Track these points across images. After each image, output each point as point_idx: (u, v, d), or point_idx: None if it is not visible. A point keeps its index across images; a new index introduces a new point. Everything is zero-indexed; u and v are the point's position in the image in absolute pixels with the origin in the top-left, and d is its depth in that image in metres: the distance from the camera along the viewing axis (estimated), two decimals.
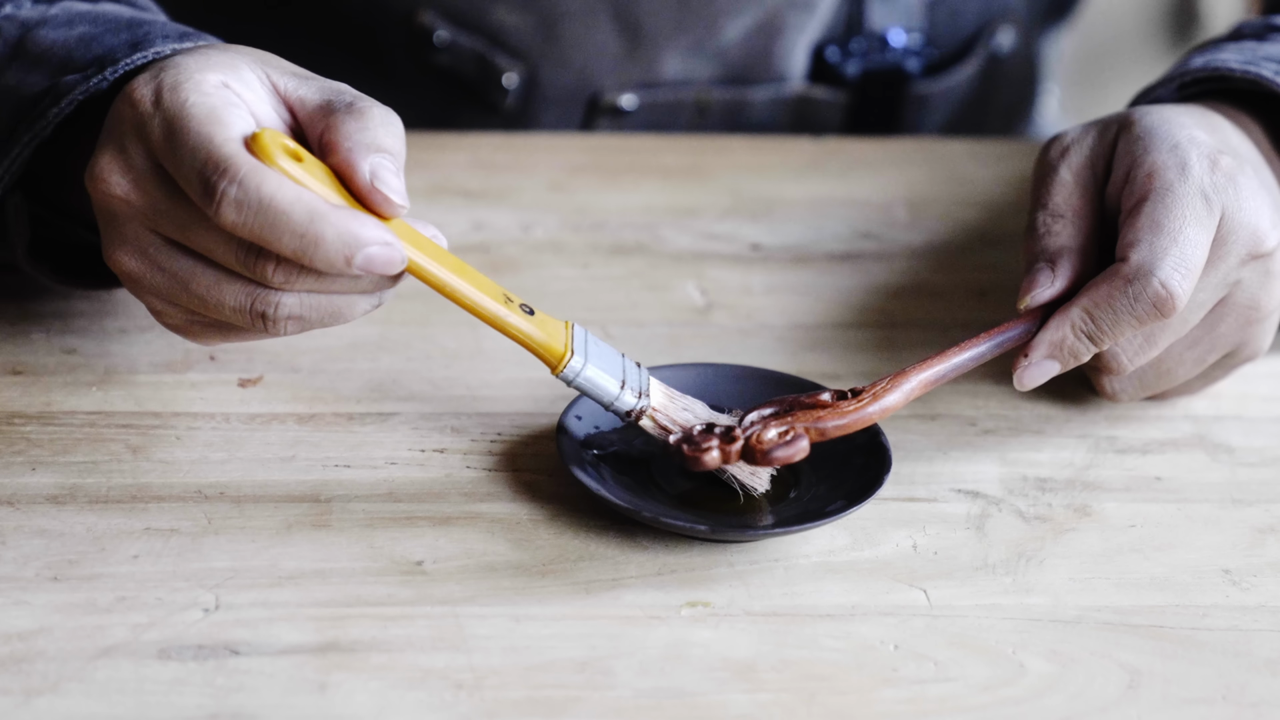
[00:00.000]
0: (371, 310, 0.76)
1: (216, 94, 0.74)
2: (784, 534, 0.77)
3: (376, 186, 0.73)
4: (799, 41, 1.17)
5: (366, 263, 0.72)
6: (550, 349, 0.77)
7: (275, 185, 0.71)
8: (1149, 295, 0.80)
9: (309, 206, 0.71)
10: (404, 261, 0.73)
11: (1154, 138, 0.83)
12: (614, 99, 1.16)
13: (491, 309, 0.76)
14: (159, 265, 0.75)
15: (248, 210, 0.71)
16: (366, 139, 0.73)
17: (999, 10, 1.23)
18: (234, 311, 0.75)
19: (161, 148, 0.73)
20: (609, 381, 0.78)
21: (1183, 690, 0.72)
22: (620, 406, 0.78)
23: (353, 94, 0.76)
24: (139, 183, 0.74)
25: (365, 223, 0.72)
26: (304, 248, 0.71)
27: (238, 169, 0.71)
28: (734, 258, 1.01)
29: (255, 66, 0.76)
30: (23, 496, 0.78)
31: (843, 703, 0.70)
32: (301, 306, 0.75)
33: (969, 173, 1.11)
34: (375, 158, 0.73)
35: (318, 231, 0.71)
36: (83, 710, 0.68)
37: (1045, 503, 0.82)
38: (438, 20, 1.14)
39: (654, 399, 0.78)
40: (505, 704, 0.69)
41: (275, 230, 0.71)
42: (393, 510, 0.79)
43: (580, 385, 0.77)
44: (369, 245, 0.72)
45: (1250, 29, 0.95)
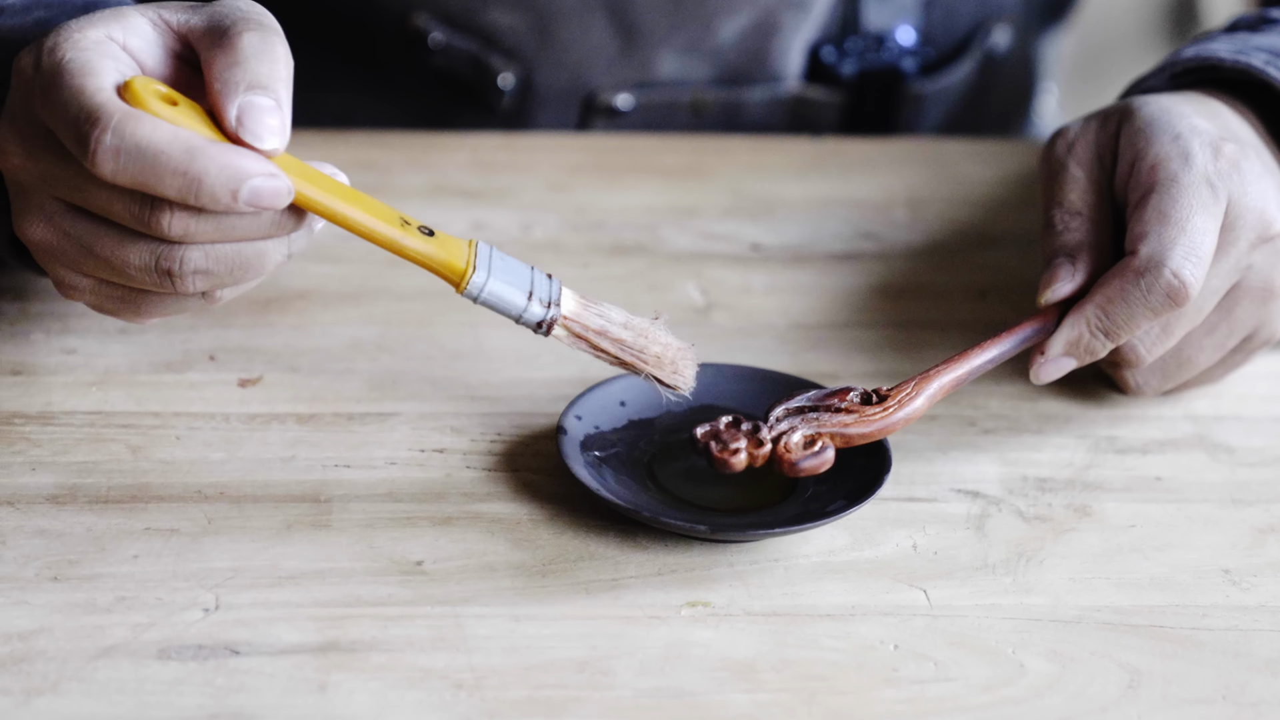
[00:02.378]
0: (283, 261, 0.75)
1: (93, 48, 0.72)
2: (784, 534, 0.77)
3: (240, 134, 0.71)
4: (794, 41, 1.16)
5: (253, 195, 0.71)
6: (451, 265, 0.75)
7: (150, 128, 0.70)
8: (1161, 286, 0.80)
9: (186, 144, 0.70)
10: (291, 192, 0.71)
11: (1155, 128, 0.84)
12: (609, 99, 1.16)
13: (386, 233, 0.74)
14: (64, 231, 0.74)
15: (124, 156, 0.70)
16: (236, 76, 0.72)
17: (995, 9, 1.23)
18: (139, 271, 0.74)
19: (42, 108, 0.72)
20: (515, 294, 0.76)
21: (1183, 690, 0.72)
22: (529, 318, 0.76)
23: (232, 18, 0.74)
24: (31, 149, 0.74)
25: (247, 156, 0.71)
26: (187, 185, 0.70)
27: (110, 116, 0.70)
28: (734, 258, 1.01)
29: (149, 10, 0.75)
30: (23, 496, 0.78)
31: (843, 703, 0.70)
32: (207, 259, 0.73)
33: (969, 172, 1.11)
34: (245, 98, 0.71)
35: (200, 168, 0.70)
36: (83, 710, 0.68)
37: (1045, 503, 0.82)
38: (432, 22, 1.14)
39: (565, 307, 0.77)
40: (505, 704, 0.69)
41: (155, 172, 0.70)
42: (393, 510, 0.79)
43: (485, 301, 0.76)
44: (252, 177, 0.70)
45: (1245, 22, 0.95)
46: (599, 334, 0.77)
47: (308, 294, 0.93)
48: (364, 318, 0.92)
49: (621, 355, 0.78)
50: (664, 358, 0.78)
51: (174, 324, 0.89)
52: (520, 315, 0.76)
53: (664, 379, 0.78)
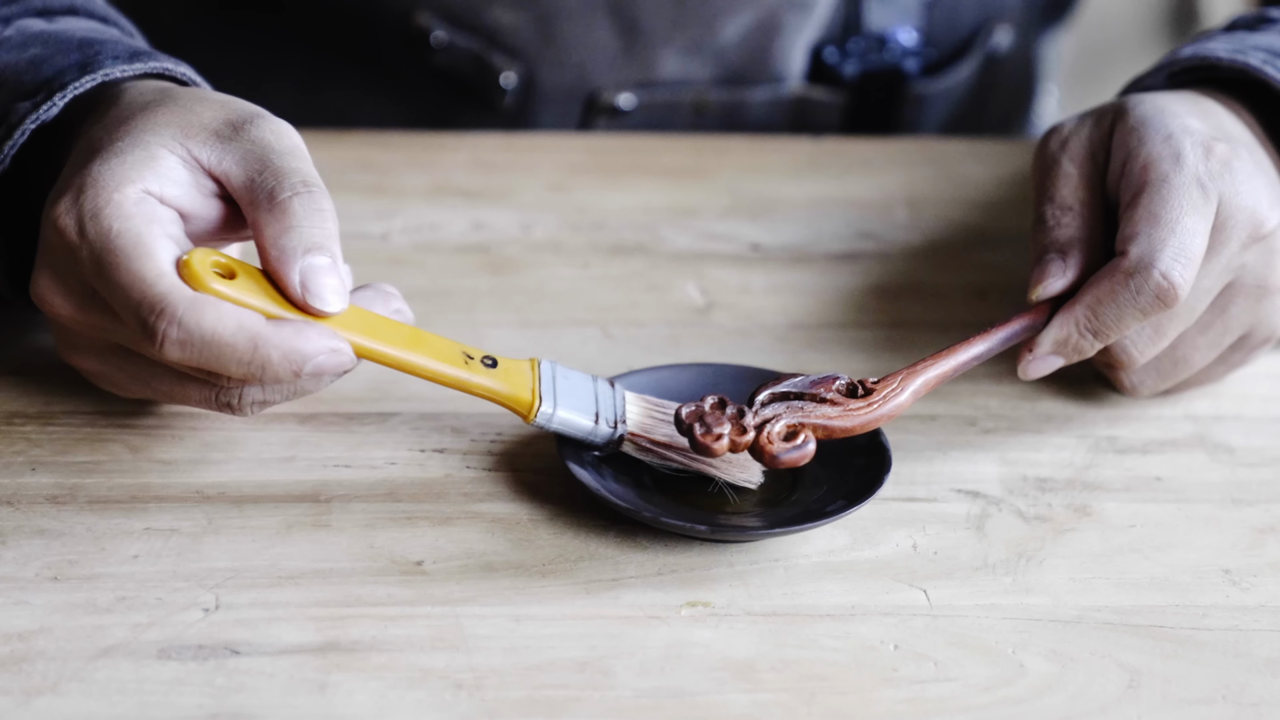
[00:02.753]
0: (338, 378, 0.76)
1: (138, 213, 0.73)
2: (784, 534, 0.77)
3: (308, 300, 0.73)
4: (797, 42, 1.16)
5: (316, 370, 0.73)
6: (517, 400, 0.77)
7: (215, 318, 0.71)
8: (1151, 287, 0.80)
9: (250, 333, 0.71)
10: (353, 361, 0.74)
11: (1148, 128, 0.84)
12: (611, 98, 1.16)
13: (451, 374, 0.76)
14: (118, 367, 0.76)
15: (191, 348, 0.71)
16: (292, 241, 0.73)
17: (997, 10, 1.23)
18: (200, 404, 0.76)
19: (95, 279, 0.73)
20: (582, 419, 0.78)
21: (1183, 690, 0.72)
22: (597, 439, 0.78)
23: (274, 173, 0.74)
24: (81, 307, 0.74)
25: (309, 335, 0.72)
26: (252, 372, 0.72)
27: (175, 308, 0.71)
28: (734, 258, 1.01)
29: (175, 146, 0.75)
30: (23, 496, 0.78)
31: (843, 703, 0.70)
32: (265, 393, 0.76)
33: (969, 172, 1.11)
34: (305, 261, 0.73)
35: (264, 356, 0.72)
36: (83, 710, 0.68)
37: (1045, 503, 0.82)
38: (434, 21, 1.14)
39: (631, 422, 0.79)
40: (505, 704, 0.69)
41: (221, 361, 0.72)
42: (393, 510, 0.79)
43: (556, 430, 0.78)
44: (316, 356, 0.73)
45: (1244, 21, 0.96)
46: (665, 446, 0.79)
47: None
48: None
49: (689, 463, 0.79)
50: (731, 458, 0.79)
51: None
52: (587, 437, 0.78)
53: (731, 479, 0.79)
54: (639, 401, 0.80)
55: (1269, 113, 0.90)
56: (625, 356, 0.90)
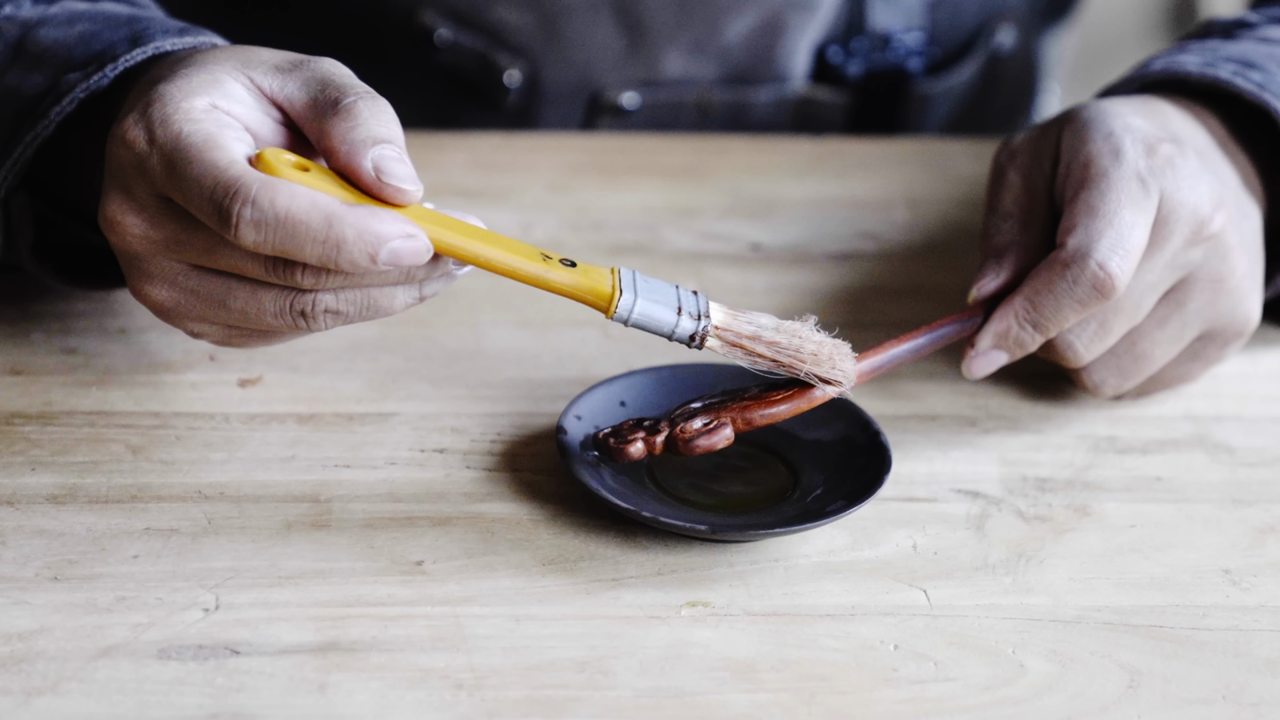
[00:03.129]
0: (415, 304, 0.76)
1: (208, 119, 0.73)
2: (784, 534, 0.77)
3: (383, 180, 0.73)
4: (801, 41, 1.17)
5: (392, 257, 0.72)
6: (597, 292, 0.76)
7: (289, 197, 0.71)
8: (1087, 277, 0.80)
9: (325, 212, 0.71)
10: (429, 249, 0.72)
11: (1090, 128, 0.84)
12: (615, 98, 1.16)
13: (530, 270, 0.75)
14: (191, 291, 0.75)
15: (266, 228, 0.71)
16: (361, 135, 0.73)
17: (999, 9, 1.23)
18: (275, 317, 0.75)
19: (166, 182, 0.73)
20: (665, 312, 0.76)
21: (1183, 690, 0.72)
22: (681, 333, 0.77)
23: (338, 87, 0.75)
24: (153, 220, 0.74)
25: (384, 218, 0.72)
26: (327, 253, 0.71)
27: (249, 188, 0.71)
28: (734, 258, 1.01)
29: (237, 74, 0.75)
30: (23, 496, 0.78)
31: (843, 703, 0.70)
32: (339, 301, 0.74)
33: (969, 172, 1.11)
34: (375, 150, 0.73)
35: (339, 235, 0.71)
36: (83, 710, 0.68)
37: (1045, 503, 0.82)
38: (439, 19, 1.14)
39: (715, 318, 0.77)
40: (505, 704, 0.69)
41: (296, 241, 0.71)
42: (393, 510, 0.79)
43: (636, 322, 0.76)
44: (391, 240, 0.71)
45: (1220, 26, 0.96)
46: (753, 339, 0.77)
47: None
48: None
49: (779, 357, 0.77)
50: (820, 355, 0.78)
51: None
52: (672, 331, 0.77)
53: (824, 375, 0.78)
54: (722, 307, 0.78)
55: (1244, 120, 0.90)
56: (625, 356, 0.90)
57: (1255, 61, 0.90)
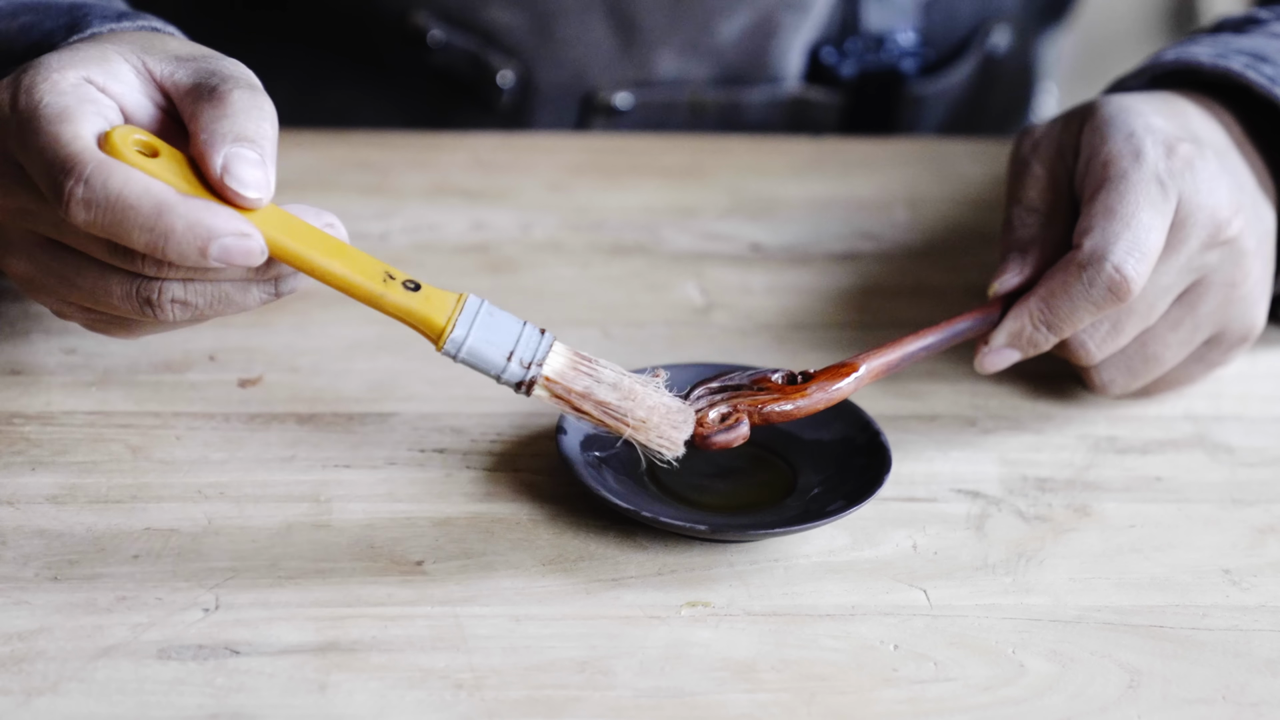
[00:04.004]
0: (270, 300, 0.74)
1: (72, 92, 0.72)
2: (784, 534, 0.77)
3: (226, 181, 0.71)
4: (794, 42, 1.16)
5: (223, 254, 0.70)
6: (429, 322, 0.74)
7: (122, 180, 0.70)
8: (1103, 280, 0.80)
9: (156, 199, 0.70)
10: (264, 251, 0.71)
11: (1111, 126, 0.84)
12: (608, 98, 1.16)
13: (365, 287, 0.73)
14: (45, 265, 0.75)
15: (96, 208, 0.70)
16: (224, 128, 0.71)
17: (994, 10, 1.23)
18: (121, 301, 0.74)
19: (19, 150, 0.72)
20: (494, 353, 0.74)
21: (1183, 690, 0.72)
22: (508, 379, 0.75)
23: (221, 76, 0.73)
24: (7, 186, 0.73)
25: (218, 213, 0.70)
26: (154, 241, 0.70)
27: (83, 166, 0.70)
28: (734, 258, 1.01)
29: (130, 55, 0.74)
30: (23, 496, 0.78)
31: (843, 703, 0.70)
32: (187, 292, 0.73)
33: (969, 172, 1.11)
34: (232, 148, 0.71)
35: (167, 224, 0.69)
36: (83, 710, 0.68)
37: (1045, 503, 0.82)
38: (431, 20, 1.14)
39: (551, 366, 0.75)
40: (505, 704, 0.69)
41: (125, 226, 0.70)
42: (393, 510, 0.79)
43: (464, 360, 0.74)
44: (222, 236, 0.70)
45: (1230, 22, 0.96)
46: (581, 396, 0.75)
47: (308, 294, 0.93)
48: (364, 318, 0.92)
49: (604, 418, 0.75)
50: (649, 421, 0.76)
51: None
52: (499, 374, 0.75)
53: (647, 443, 0.76)
54: (568, 354, 0.76)
55: (1255, 116, 0.90)
56: (625, 356, 0.90)
57: (1267, 55, 0.90)
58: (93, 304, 0.75)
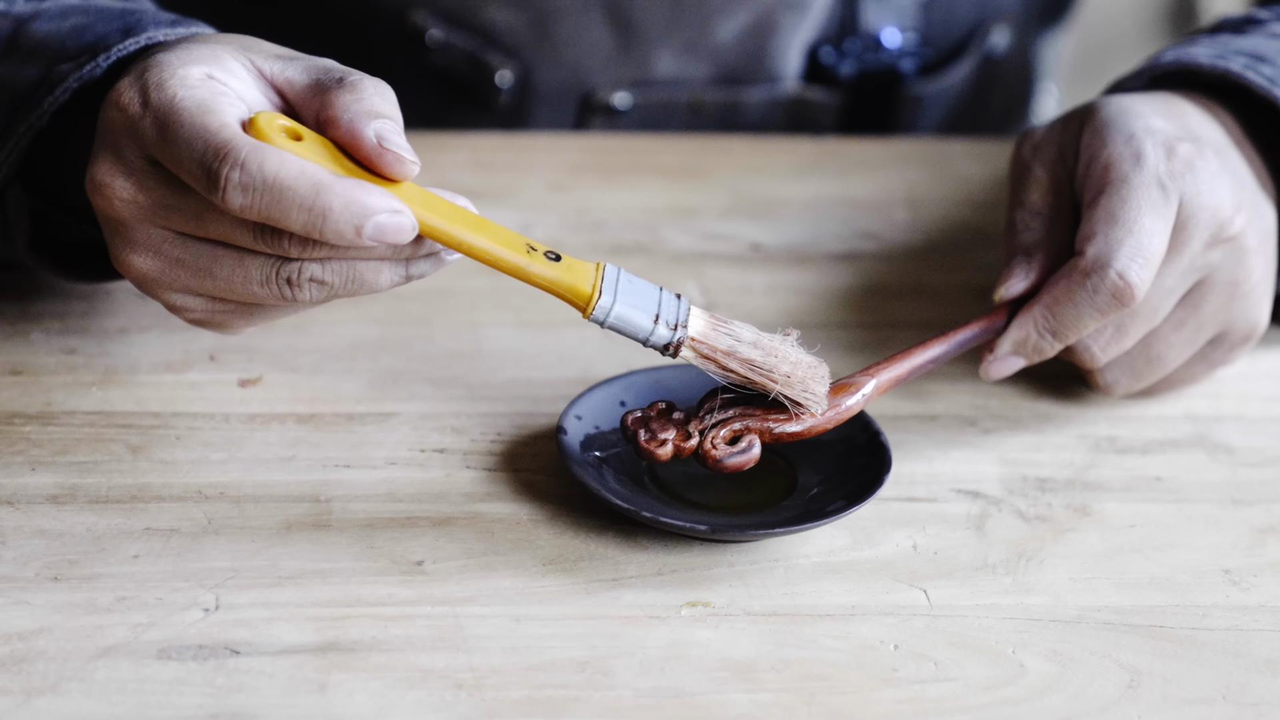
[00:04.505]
0: (398, 283, 0.75)
1: (203, 86, 0.73)
2: (784, 534, 0.77)
3: (386, 148, 0.73)
4: (793, 42, 1.16)
5: (377, 231, 0.71)
6: (576, 290, 0.75)
7: (277, 163, 0.71)
8: (1107, 287, 0.81)
9: (313, 179, 0.71)
10: (415, 228, 0.72)
11: (1111, 129, 0.84)
12: (607, 98, 1.16)
13: (511, 259, 0.74)
14: (175, 260, 0.75)
15: (253, 192, 0.71)
16: (365, 107, 0.73)
17: (994, 10, 1.23)
18: (260, 285, 0.74)
19: (157, 145, 0.73)
20: (641, 317, 0.76)
21: (1183, 690, 0.72)
22: (656, 341, 0.76)
23: (341, 69, 0.75)
24: (141, 183, 0.74)
25: (372, 191, 0.72)
26: (312, 221, 0.71)
27: (238, 152, 0.71)
28: (734, 258, 1.01)
29: (239, 54, 0.76)
30: (23, 496, 0.78)
31: (843, 703, 0.70)
32: (325, 271, 0.74)
33: (969, 172, 1.11)
34: (378, 123, 0.73)
35: (325, 203, 0.71)
36: (83, 710, 0.68)
37: (1045, 503, 0.82)
38: (430, 19, 1.14)
39: (693, 328, 0.76)
40: (505, 704, 0.69)
41: (282, 207, 0.71)
42: (393, 510, 0.79)
43: (612, 325, 0.75)
44: (377, 214, 0.71)
45: (1230, 22, 0.96)
46: (727, 354, 0.77)
47: None
48: (364, 318, 0.92)
49: (751, 375, 0.77)
50: (794, 376, 0.77)
51: (174, 324, 0.89)
52: (647, 338, 0.76)
53: (794, 397, 0.77)
54: (706, 315, 0.77)
55: (1254, 116, 0.90)
56: (625, 357, 0.90)
57: (1266, 56, 0.90)
58: (227, 292, 0.75)
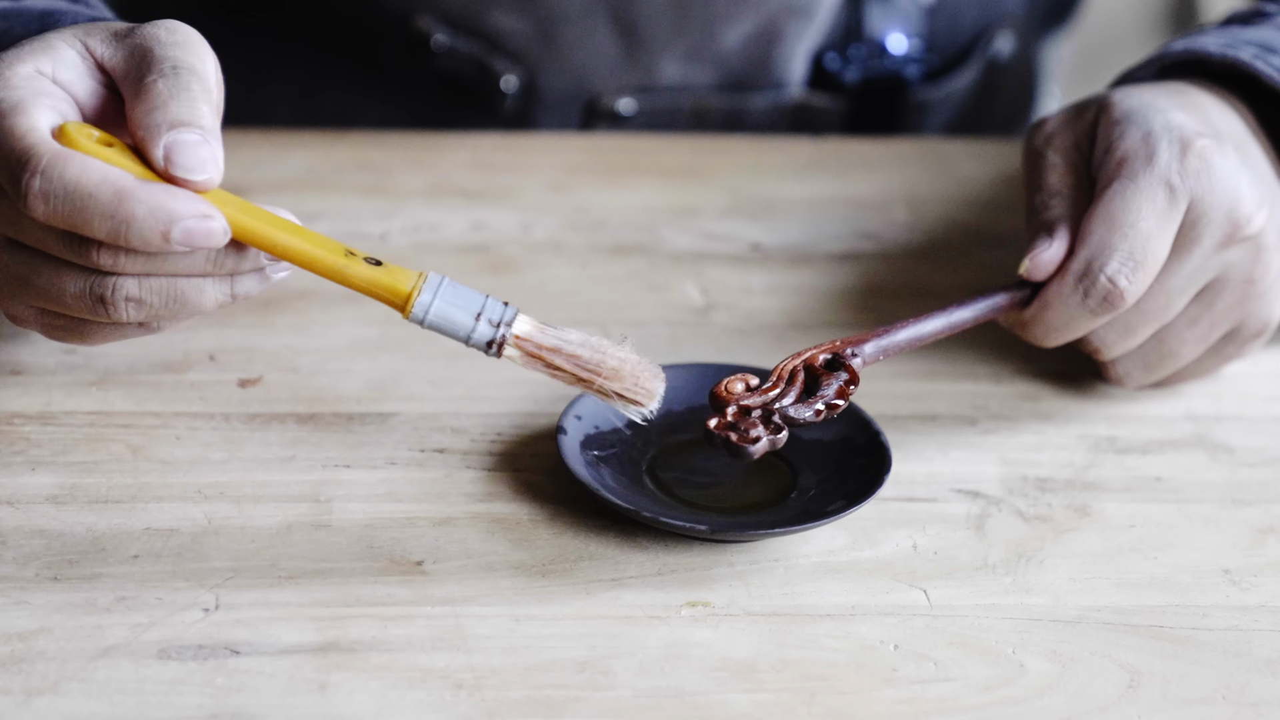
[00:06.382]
0: (225, 302, 0.74)
1: (25, 85, 0.72)
2: (784, 534, 0.77)
3: (172, 171, 0.71)
4: (798, 48, 1.16)
5: (186, 236, 0.70)
6: (395, 289, 0.74)
7: (79, 169, 0.70)
8: (1098, 291, 0.81)
9: (116, 186, 0.70)
10: (226, 232, 0.71)
11: (1130, 122, 0.84)
12: (611, 103, 1.16)
13: (328, 261, 0.73)
14: (4, 266, 0.74)
15: (54, 199, 0.70)
16: (156, 119, 0.71)
17: (998, 16, 1.23)
18: (75, 300, 0.73)
19: None
20: (462, 315, 0.75)
21: (1183, 690, 0.72)
22: (478, 338, 0.75)
23: (148, 62, 0.73)
24: None
25: (179, 197, 0.70)
26: (116, 228, 0.70)
27: (39, 158, 0.70)
28: (734, 258, 1.01)
29: (73, 39, 0.74)
30: (23, 496, 0.78)
31: (843, 703, 0.70)
32: (141, 289, 0.73)
33: (969, 173, 1.11)
34: (170, 136, 0.71)
35: (128, 210, 0.70)
36: (83, 710, 0.68)
37: (1045, 503, 0.82)
38: (435, 24, 1.14)
39: (519, 328, 0.75)
40: (505, 704, 0.69)
41: (84, 215, 0.70)
42: (393, 510, 0.79)
43: (432, 323, 0.75)
44: (185, 219, 0.70)
45: (1239, 16, 0.96)
46: (553, 351, 0.76)
47: (308, 294, 0.93)
48: (364, 318, 0.92)
49: (578, 371, 0.76)
50: (623, 370, 0.76)
51: None
52: (469, 336, 0.75)
53: (625, 394, 0.76)
54: (533, 320, 0.76)
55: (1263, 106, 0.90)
56: None
57: (1276, 46, 0.90)
58: (47, 304, 0.74)
